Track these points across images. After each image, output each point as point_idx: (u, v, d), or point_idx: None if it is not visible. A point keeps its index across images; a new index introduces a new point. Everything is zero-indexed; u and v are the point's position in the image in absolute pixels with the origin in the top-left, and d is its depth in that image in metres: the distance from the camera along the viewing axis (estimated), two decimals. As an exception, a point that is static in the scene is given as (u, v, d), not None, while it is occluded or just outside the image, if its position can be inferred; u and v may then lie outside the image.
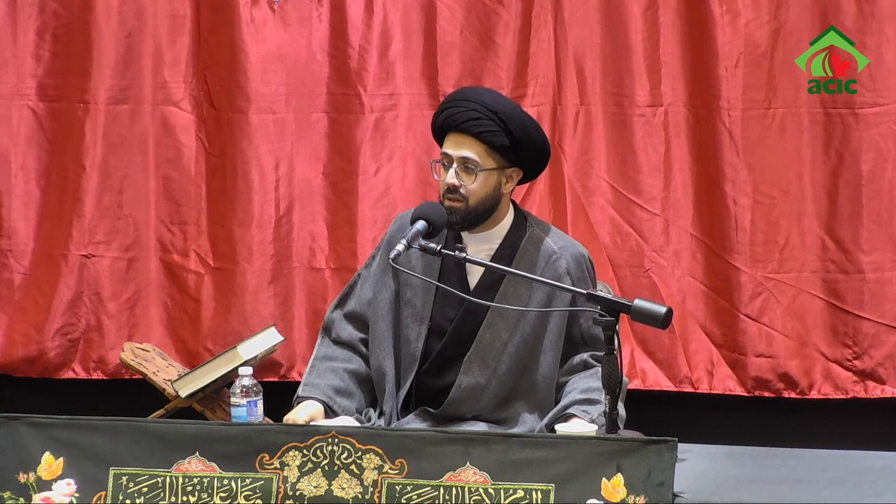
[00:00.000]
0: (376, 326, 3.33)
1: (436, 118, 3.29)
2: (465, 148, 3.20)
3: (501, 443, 2.68)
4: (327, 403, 3.23)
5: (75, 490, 2.75)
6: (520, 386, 3.26)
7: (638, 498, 2.59)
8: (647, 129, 4.54)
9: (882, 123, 4.41)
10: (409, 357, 3.28)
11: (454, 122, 3.21)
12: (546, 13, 4.55)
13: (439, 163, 3.26)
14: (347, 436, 2.71)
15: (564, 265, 3.26)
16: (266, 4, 4.68)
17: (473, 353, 3.23)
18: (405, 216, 3.31)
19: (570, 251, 3.29)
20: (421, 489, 2.66)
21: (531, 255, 3.26)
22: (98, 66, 4.73)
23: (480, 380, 3.23)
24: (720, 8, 4.45)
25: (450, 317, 3.27)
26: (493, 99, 3.26)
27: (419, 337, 3.28)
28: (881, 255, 4.44)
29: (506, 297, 3.23)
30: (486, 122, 3.19)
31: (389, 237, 3.35)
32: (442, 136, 3.28)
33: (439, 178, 3.25)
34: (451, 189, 3.21)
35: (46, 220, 4.79)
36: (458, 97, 3.29)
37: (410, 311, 3.29)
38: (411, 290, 3.30)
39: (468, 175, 3.20)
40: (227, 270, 4.74)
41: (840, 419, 4.52)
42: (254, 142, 4.69)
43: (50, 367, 4.81)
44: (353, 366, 3.33)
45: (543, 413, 3.24)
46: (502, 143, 3.20)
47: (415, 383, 3.27)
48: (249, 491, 2.71)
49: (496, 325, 3.24)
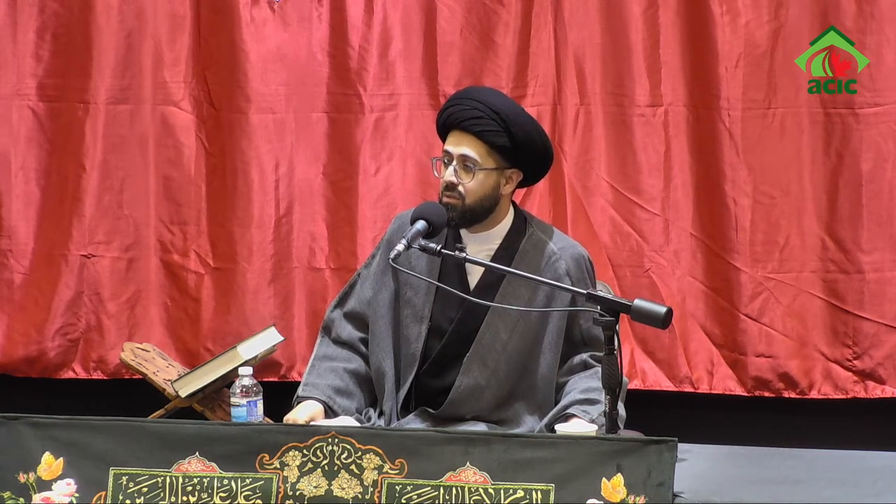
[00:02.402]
0: (376, 326, 3.33)
1: (440, 115, 3.30)
2: (465, 146, 3.21)
3: (501, 443, 2.68)
4: (327, 403, 3.23)
5: (75, 490, 2.75)
6: (519, 386, 3.25)
7: (638, 498, 2.59)
8: (647, 129, 4.54)
9: (882, 123, 4.41)
10: (408, 357, 3.28)
11: (456, 120, 3.22)
12: (546, 13, 4.55)
13: (440, 160, 3.27)
14: (347, 436, 2.71)
15: (564, 266, 3.26)
16: (266, 4, 4.68)
17: (473, 353, 3.23)
18: (405, 216, 3.31)
19: (570, 252, 3.29)
20: (421, 489, 2.66)
21: (531, 256, 3.26)
22: (98, 66, 4.73)
23: (480, 380, 3.23)
24: (720, 8, 4.45)
25: (450, 317, 3.27)
26: (498, 100, 3.26)
27: (419, 337, 3.27)
28: (881, 255, 4.44)
29: (505, 297, 3.23)
30: (487, 121, 3.19)
31: (389, 237, 3.35)
32: (445, 133, 3.28)
33: (439, 176, 3.25)
34: (450, 186, 3.21)
35: (46, 220, 4.79)
36: (464, 95, 3.29)
37: (410, 310, 3.29)
38: (411, 290, 3.30)
39: (467, 173, 3.20)
40: (227, 270, 4.74)
41: (840, 419, 4.52)
42: (254, 142, 4.69)
43: (50, 367, 4.81)
44: (353, 365, 3.33)
45: (543, 413, 3.23)
46: (503, 143, 3.20)
47: (414, 383, 3.27)
48: (249, 491, 2.71)
49: (496, 326, 3.24)
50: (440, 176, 3.25)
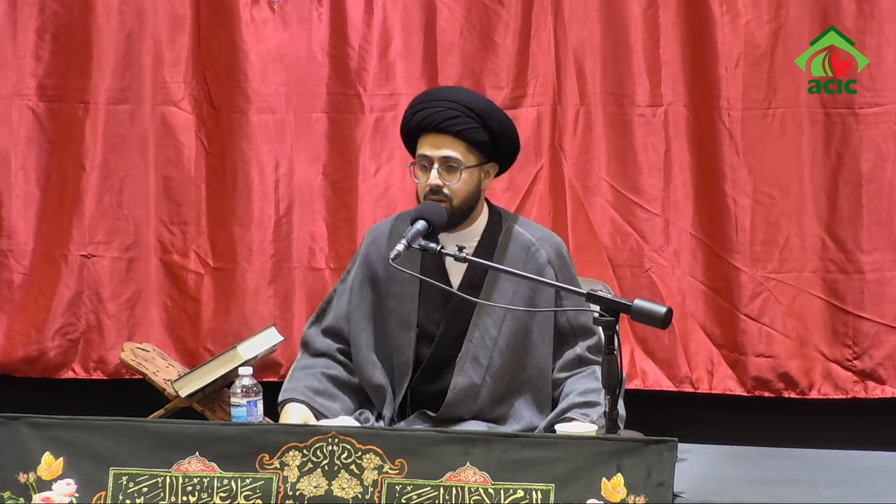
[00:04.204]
0: (358, 340, 3.34)
1: (407, 121, 3.28)
2: (446, 148, 3.21)
3: (501, 443, 2.67)
4: (307, 403, 3.24)
5: (75, 490, 2.75)
6: (515, 381, 3.26)
7: (638, 498, 2.59)
8: (647, 129, 4.54)
9: (882, 123, 4.41)
10: (401, 366, 3.28)
11: (431, 123, 3.21)
12: (546, 13, 4.55)
13: (415, 165, 3.26)
14: (347, 436, 2.71)
15: (545, 255, 3.28)
16: (266, 4, 4.68)
17: (465, 353, 3.23)
18: (378, 229, 3.36)
19: (549, 241, 3.32)
20: (421, 489, 2.66)
21: (511, 249, 3.27)
22: (98, 66, 4.73)
23: (475, 379, 3.23)
24: (720, 8, 4.45)
25: (436, 320, 3.27)
26: (469, 96, 3.28)
27: (409, 344, 3.27)
28: (881, 255, 4.44)
29: (490, 293, 3.24)
30: (464, 119, 3.20)
31: (365, 251, 3.36)
32: (414, 138, 3.28)
33: (417, 181, 3.25)
34: (435, 190, 3.20)
35: (46, 220, 4.79)
36: (433, 97, 3.29)
37: (396, 319, 3.29)
38: (395, 300, 3.30)
39: (451, 174, 3.21)
40: (227, 270, 4.74)
41: (840, 419, 4.52)
42: (254, 142, 4.70)
43: (50, 367, 4.81)
44: (331, 371, 3.34)
45: (542, 407, 3.24)
46: (482, 139, 3.22)
47: (410, 391, 3.28)
48: (249, 491, 2.71)
49: (484, 323, 3.24)
50: (418, 181, 3.24)
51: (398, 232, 3.26)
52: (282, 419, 3.24)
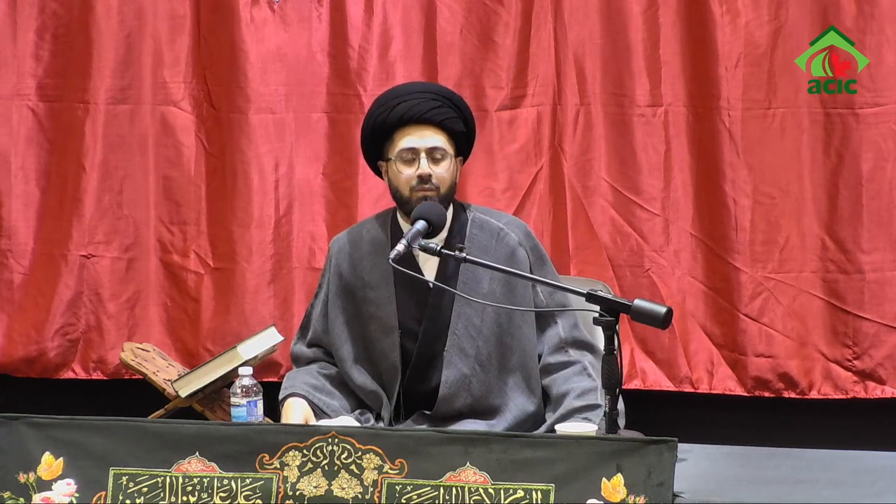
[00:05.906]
0: (341, 351, 3.36)
1: (384, 117, 3.28)
2: (431, 137, 3.25)
3: (501, 443, 2.68)
4: (307, 397, 3.26)
5: (75, 490, 2.75)
6: (504, 366, 3.28)
7: (638, 498, 2.59)
8: (647, 129, 4.54)
9: (882, 123, 4.41)
10: (390, 370, 3.29)
11: (416, 113, 3.24)
12: (546, 13, 4.55)
13: (392, 161, 3.27)
14: (347, 436, 2.71)
15: (514, 237, 3.32)
16: (266, 4, 4.67)
17: (451, 346, 3.25)
18: (340, 240, 3.41)
19: (515, 223, 3.38)
20: (421, 489, 2.66)
21: (480, 238, 3.30)
22: (98, 66, 4.73)
23: (465, 370, 3.25)
24: (720, 8, 4.45)
25: (417, 318, 3.29)
26: (443, 88, 3.39)
27: (393, 347, 3.29)
28: (881, 255, 4.44)
29: (467, 283, 3.26)
30: (445, 109, 3.28)
31: (334, 263, 3.39)
32: (389, 134, 3.28)
33: (400, 174, 3.26)
34: (425, 179, 3.23)
35: (46, 220, 4.79)
36: (409, 90, 3.33)
37: (377, 325, 3.31)
38: (373, 306, 3.32)
39: (437, 164, 3.24)
40: (227, 270, 4.74)
41: (840, 419, 4.52)
42: (253, 142, 4.69)
43: (50, 367, 4.81)
44: (328, 371, 3.38)
45: (532, 390, 3.25)
46: (460, 129, 3.31)
47: (402, 392, 3.29)
48: (249, 491, 2.71)
49: (466, 314, 3.26)
50: (401, 174, 3.26)
51: (360, 238, 3.31)
52: (283, 413, 3.26)
